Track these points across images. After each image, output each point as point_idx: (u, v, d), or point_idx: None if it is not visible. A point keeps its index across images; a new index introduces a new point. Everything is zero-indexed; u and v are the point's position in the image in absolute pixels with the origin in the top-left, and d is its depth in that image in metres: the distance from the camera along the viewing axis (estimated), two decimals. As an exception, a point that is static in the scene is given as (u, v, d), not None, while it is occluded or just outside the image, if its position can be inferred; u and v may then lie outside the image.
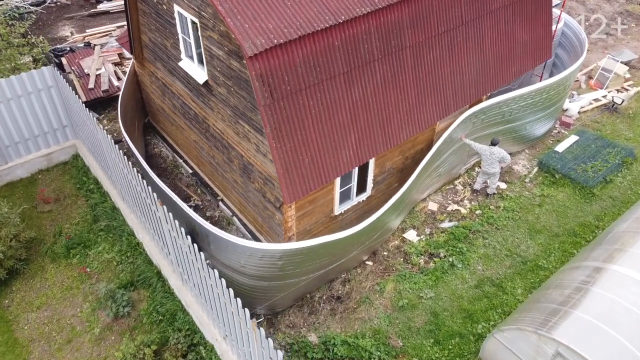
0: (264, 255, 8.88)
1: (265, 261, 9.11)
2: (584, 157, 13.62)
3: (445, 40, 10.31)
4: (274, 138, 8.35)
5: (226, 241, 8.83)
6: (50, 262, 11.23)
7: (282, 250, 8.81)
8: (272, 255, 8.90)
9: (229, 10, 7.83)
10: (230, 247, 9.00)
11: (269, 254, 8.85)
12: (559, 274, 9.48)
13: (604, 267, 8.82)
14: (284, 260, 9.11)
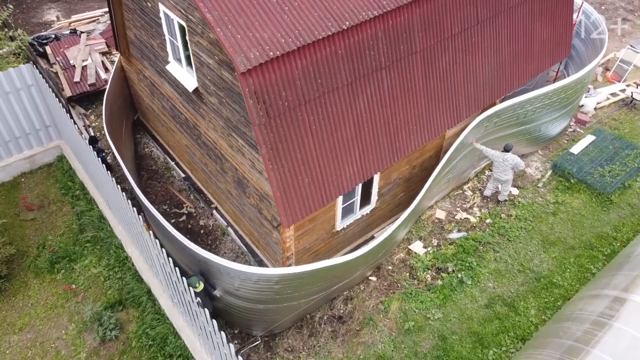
0: (259, 279, 8.21)
1: (260, 285, 8.43)
2: (601, 159, 12.81)
3: (459, 42, 9.38)
4: (270, 159, 7.55)
5: (218, 265, 8.13)
6: (33, 277, 10.56)
7: (279, 275, 8.13)
8: (268, 279, 8.22)
9: (219, 19, 6.91)
10: (223, 270, 8.31)
11: (264, 278, 8.17)
12: (577, 302, 8.80)
13: (626, 298, 8.13)
14: (281, 284, 8.44)
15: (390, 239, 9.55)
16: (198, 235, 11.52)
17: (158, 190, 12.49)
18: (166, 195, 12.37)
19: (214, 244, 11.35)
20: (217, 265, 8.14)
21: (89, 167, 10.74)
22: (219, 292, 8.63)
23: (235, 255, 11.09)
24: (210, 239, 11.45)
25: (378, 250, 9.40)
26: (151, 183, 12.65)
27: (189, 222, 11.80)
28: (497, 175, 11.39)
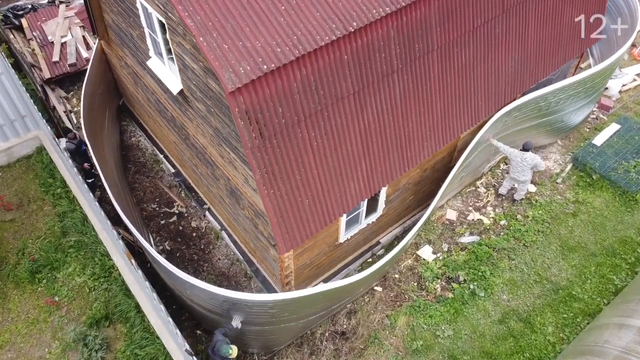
0: (253, 305, 7.47)
1: (255, 310, 7.71)
2: (626, 152, 11.80)
3: (481, 34, 8.20)
4: (265, 184, 6.59)
5: (206, 291, 7.36)
6: (13, 287, 9.81)
7: (274, 301, 7.38)
8: (262, 305, 7.49)
9: (201, 25, 5.77)
10: (211, 296, 7.56)
11: (258, 304, 7.44)
12: (601, 330, 8.07)
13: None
14: (276, 309, 7.71)
15: (399, 254, 8.74)
16: (190, 239, 10.70)
17: (146, 186, 11.57)
18: (155, 192, 11.46)
19: (207, 249, 10.56)
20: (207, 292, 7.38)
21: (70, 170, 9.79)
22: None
23: (230, 262, 10.31)
24: (203, 243, 10.64)
25: (384, 267, 8.61)
26: (139, 178, 11.72)
27: (179, 223, 10.95)
28: (515, 175, 10.43)
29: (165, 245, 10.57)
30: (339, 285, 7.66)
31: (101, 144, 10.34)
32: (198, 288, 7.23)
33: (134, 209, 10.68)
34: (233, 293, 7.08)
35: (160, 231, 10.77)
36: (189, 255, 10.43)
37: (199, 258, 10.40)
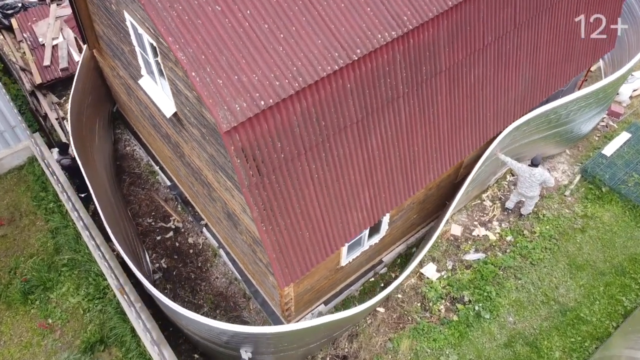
0: (249, 336, 7.21)
1: (251, 340, 7.44)
2: (637, 163, 11.42)
3: (491, 52, 7.77)
4: (264, 221, 6.24)
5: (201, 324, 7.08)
6: (5, 308, 9.54)
7: (272, 334, 7.10)
8: (259, 337, 7.22)
9: (194, 59, 5.35)
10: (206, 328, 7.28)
11: (253, 336, 7.18)
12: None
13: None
14: (274, 340, 7.44)
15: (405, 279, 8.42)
16: (187, 256, 10.39)
17: (142, 199, 11.21)
18: (151, 205, 11.12)
19: (205, 266, 10.26)
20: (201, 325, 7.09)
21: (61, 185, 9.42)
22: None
23: (228, 281, 10.02)
24: (201, 260, 10.33)
25: (388, 295, 8.32)
26: (134, 190, 11.36)
27: (176, 238, 10.63)
28: (523, 191, 10.07)
29: (161, 262, 10.26)
30: (342, 316, 7.37)
31: (92, 158, 9.95)
32: (193, 321, 6.94)
33: (128, 225, 10.34)
34: (229, 326, 6.80)
35: (157, 248, 10.46)
36: (185, 274, 10.13)
37: (196, 276, 10.10)
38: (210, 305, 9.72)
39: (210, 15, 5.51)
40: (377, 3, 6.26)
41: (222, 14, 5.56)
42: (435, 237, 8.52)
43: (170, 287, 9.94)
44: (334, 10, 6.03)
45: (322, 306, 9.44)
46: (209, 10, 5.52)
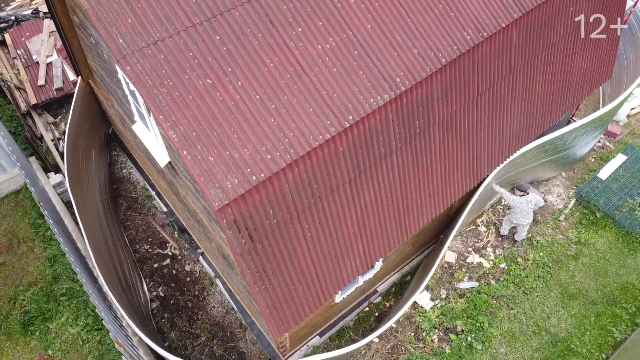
0: None
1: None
2: (632, 187, 11.46)
3: (486, 99, 7.74)
4: (257, 282, 6.33)
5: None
6: (6, 339, 9.71)
7: None
8: None
9: (185, 137, 5.36)
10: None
11: None
12: None
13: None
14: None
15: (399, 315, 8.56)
16: (184, 284, 10.52)
17: (139, 225, 11.29)
18: (148, 231, 11.19)
19: (202, 295, 10.39)
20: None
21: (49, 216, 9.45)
22: None
23: (225, 310, 10.16)
24: (198, 289, 10.46)
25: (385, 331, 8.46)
26: (131, 215, 11.42)
27: (173, 266, 10.74)
28: (518, 221, 10.15)
29: (159, 291, 10.39)
30: (341, 353, 7.54)
31: (87, 192, 9.95)
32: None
33: (126, 253, 10.44)
34: None
35: (154, 276, 10.57)
36: (183, 303, 10.27)
37: (193, 305, 10.25)
38: (207, 335, 9.88)
39: (201, 90, 5.50)
40: (370, 66, 6.22)
41: (213, 88, 5.54)
42: (429, 278, 8.62)
43: (168, 317, 10.09)
44: (326, 77, 6.01)
45: (317, 338, 9.60)
46: (200, 85, 5.50)
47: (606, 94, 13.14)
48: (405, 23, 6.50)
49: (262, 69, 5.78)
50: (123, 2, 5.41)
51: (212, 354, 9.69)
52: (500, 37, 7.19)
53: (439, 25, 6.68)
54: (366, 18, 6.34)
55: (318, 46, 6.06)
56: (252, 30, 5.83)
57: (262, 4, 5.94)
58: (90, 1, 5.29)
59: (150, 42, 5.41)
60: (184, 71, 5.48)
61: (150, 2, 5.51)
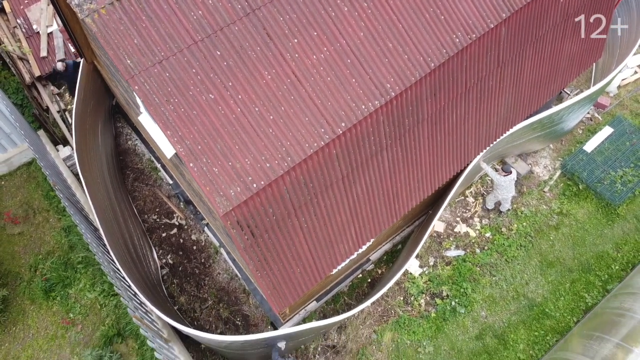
0: (245, 342, 8.31)
1: (248, 344, 8.56)
2: (615, 160, 12.00)
3: (474, 92, 8.13)
4: (259, 269, 7.06)
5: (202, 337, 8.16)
6: (30, 303, 10.63)
7: (264, 339, 8.19)
8: (254, 342, 8.33)
9: (191, 151, 5.88)
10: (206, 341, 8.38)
11: (249, 342, 8.28)
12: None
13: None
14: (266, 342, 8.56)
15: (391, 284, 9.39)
16: (190, 252, 11.32)
17: (146, 195, 11.94)
18: (155, 202, 11.87)
19: (207, 262, 11.22)
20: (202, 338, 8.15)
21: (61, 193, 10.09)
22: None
23: (229, 276, 11.02)
24: (204, 257, 11.28)
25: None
26: (138, 185, 12.05)
27: (180, 235, 11.50)
28: (503, 196, 10.79)
29: (167, 258, 11.21)
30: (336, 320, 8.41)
31: (95, 168, 10.49)
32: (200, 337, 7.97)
33: (135, 223, 11.16)
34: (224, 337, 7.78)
35: (163, 244, 11.36)
36: (190, 269, 11.12)
37: (200, 272, 11.10)
38: (214, 299, 10.80)
39: (204, 105, 5.95)
40: (361, 74, 6.61)
41: (214, 103, 5.99)
42: (419, 249, 9.35)
43: (177, 282, 10.96)
44: (320, 86, 6.42)
45: (314, 303, 10.52)
46: (203, 100, 5.95)
47: (598, 64, 13.36)
48: (396, 29, 6.81)
49: (260, 81, 6.19)
50: (128, 23, 5.74)
51: (219, 316, 10.64)
52: (489, 36, 7.49)
53: (428, 30, 6.99)
54: (359, 26, 6.65)
55: (313, 56, 6.42)
56: (250, 43, 6.19)
57: (260, 17, 6.25)
58: (98, 24, 5.63)
59: (156, 61, 5.80)
60: (187, 88, 5.91)
61: (153, 22, 5.84)
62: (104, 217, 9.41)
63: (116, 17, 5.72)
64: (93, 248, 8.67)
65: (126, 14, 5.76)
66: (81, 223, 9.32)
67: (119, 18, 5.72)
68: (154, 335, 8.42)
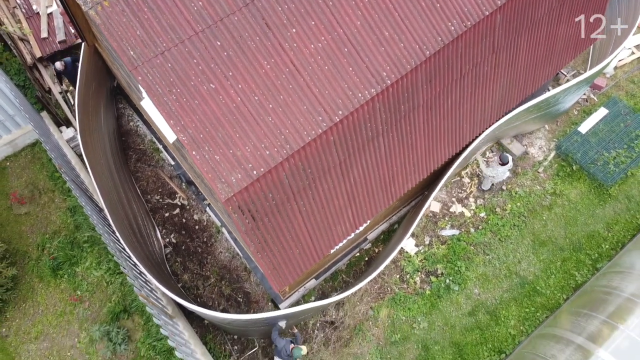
0: (247, 320, 8.72)
1: (250, 322, 8.96)
2: (609, 141, 12.21)
3: (469, 78, 8.30)
4: (259, 251, 7.37)
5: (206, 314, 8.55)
6: (38, 281, 11.01)
7: (265, 318, 8.59)
8: (256, 321, 8.73)
9: (193, 139, 6.11)
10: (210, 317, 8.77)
11: (252, 320, 8.68)
12: (538, 340, 9.40)
13: (589, 350, 8.67)
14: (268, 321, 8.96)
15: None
16: (193, 231, 11.64)
17: (149, 176, 12.20)
18: (157, 182, 12.14)
19: (210, 241, 11.55)
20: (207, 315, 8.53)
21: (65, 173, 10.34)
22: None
23: (231, 255, 11.37)
24: (206, 236, 11.60)
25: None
26: (141, 166, 12.30)
27: (183, 215, 11.80)
28: (497, 179, 11.07)
29: (171, 238, 11.53)
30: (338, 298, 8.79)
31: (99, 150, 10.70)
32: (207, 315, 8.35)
33: (138, 203, 11.45)
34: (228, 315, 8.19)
35: (166, 224, 11.67)
36: (193, 248, 11.45)
37: (202, 250, 11.44)
38: (216, 276, 11.17)
39: (205, 95, 6.15)
40: (358, 62, 6.78)
41: (215, 92, 6.19)
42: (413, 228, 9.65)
43: (180, 260, 11.31)
44: (318, 75, 6.60)
45: (313, 281, 10.89)
46: (204, 90, 6.14)
47: (596, 45, 13.43)
48: (392, 18, 6.95)
49: (259, 71, 6.37)
50: (130, 15, 5.90)
51: (221, 293, 11.02)
52: (484, 23, 7.62)
53: (424, 18, 7.12)
54: (356, 15, 6.79)
55: (311, 45, 6.59)
56: (249, 33, 6.34)
57: (259, 7, 6.39)
58: (101, 16, 5.79)
59: (158, 52, 5.98)
60: (189, 78, 6.10)
61: (155, 13, 5.99)
62: (108, 199, 9.68)
63: (119, 9, 5.87)
64: (99, 229, 8.97)
65: (128, 6, 5.91)
66: (87, 205, 9.61)
67: (122, 10, 5.88)
68: (160, 312, 8.79)
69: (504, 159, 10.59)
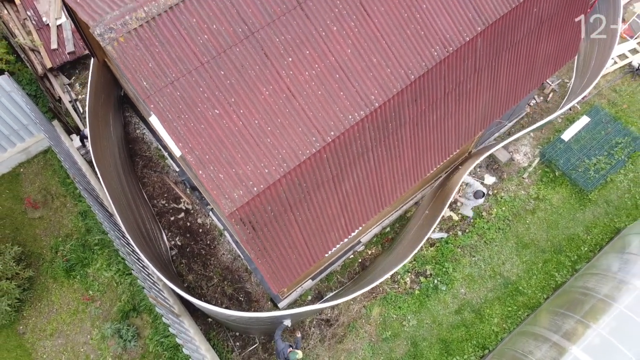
0: (250, 318, 9.42)
1: (252, 321, 9.67)
2: (590, 148, 12.90)
3: (452, 95, 8.98)
4: (259, 257, 8.08)
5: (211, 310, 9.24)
6: (52, 281, 11.74)
7: (268, 317, 9.30)
8: (258, 319, 9.44)
9: (200, 160, 6.81)
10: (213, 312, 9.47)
11: (254, 318, 9.39)
12: (518, 337, 10.14)
13: (563, 347, 9.40)
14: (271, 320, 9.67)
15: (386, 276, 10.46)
16: (197, 234, 12.36)
17: (155, 181, 12.90)
18: (163, 187, 12.84)
19: (213, 244, 12.27)
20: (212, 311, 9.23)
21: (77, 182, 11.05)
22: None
23: (232, 257, 12.09)
24: (209, 239, 12.32)
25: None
26: (147, 172, 12.99)
27: (187, 219, 12.52)
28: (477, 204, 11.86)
29: (176, 240, 12.26)
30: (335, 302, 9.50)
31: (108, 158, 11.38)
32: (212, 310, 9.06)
33: (145, 207, 12.16)
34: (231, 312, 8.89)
35: (171, 227, 12.39)
36: (197, 250, 12.18)
37: (206, 253, 12.17)
38: (219, 277, 11.90)
39: (211, 120, 6.83)
40: (349, 87, 7.46)
41: (219, 117, 6.88)
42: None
43: (185, 262, 12.04)
44: (312, 100, 7.28)
45: (309, 281, 11.62)
46: (209, 115, 6.83)
47: (580, 53, 14.08)
48: (380, 45, 7.62)
49: (259, 97, 7.05)
50: (143, 49, 6.57)
51: (224, 293, 11.76)
52: (465, 47, 8.29)
53: (409, 45, 7.79)
54: (346, 43, 7.46)
55: (305, 73, 7.26)
56: (250, 63, 7.02)
57: (258, 39, 7.06)
58: (117, 51, 6.46)
59: (168, 82, 6.66)
60: (196, 104, 6.78)
61: (165, 46, 6.67)
62: (119, 204, 10.38)
63: (133, 44, 6.54)
64: (111, 235, 9.68)
65: (141, 41, 6.58)
66: (99, 212, 10.32)
67: (135, 45, 6.55)
68: (167, 312, 9.53)
69: (478, 195, 11.34)
